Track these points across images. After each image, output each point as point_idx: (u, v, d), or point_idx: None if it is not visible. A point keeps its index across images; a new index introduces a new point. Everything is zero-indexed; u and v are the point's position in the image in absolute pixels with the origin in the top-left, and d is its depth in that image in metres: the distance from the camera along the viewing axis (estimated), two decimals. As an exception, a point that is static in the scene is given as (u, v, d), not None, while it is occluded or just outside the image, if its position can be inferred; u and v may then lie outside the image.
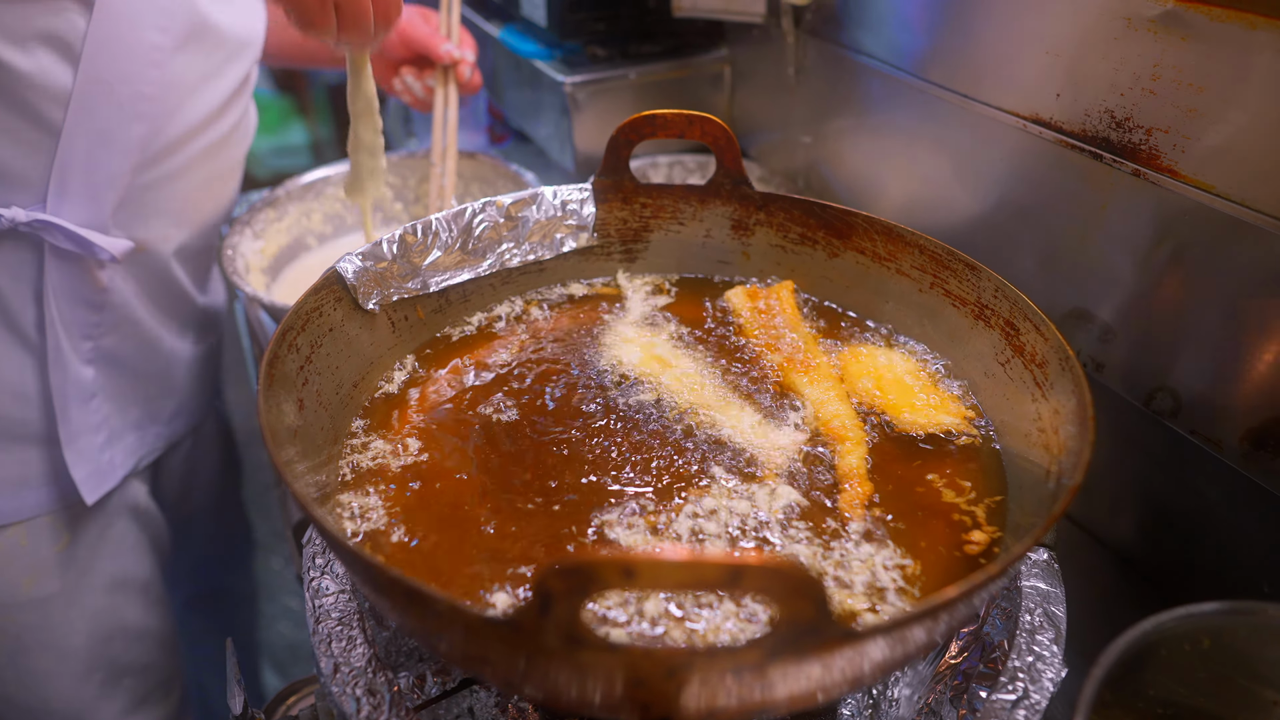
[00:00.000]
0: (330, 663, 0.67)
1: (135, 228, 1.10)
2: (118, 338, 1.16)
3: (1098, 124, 0.85)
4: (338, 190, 1.51)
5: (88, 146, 0.99)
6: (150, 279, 1.17)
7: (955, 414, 0.80)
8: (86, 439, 1.14)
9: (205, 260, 1.30)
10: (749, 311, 0.92)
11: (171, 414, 1.31)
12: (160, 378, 1.26)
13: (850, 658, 0.49)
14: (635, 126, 0.89)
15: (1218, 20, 0.72)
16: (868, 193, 1.23)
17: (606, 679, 0.48)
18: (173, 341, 1.26)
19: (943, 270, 0.84)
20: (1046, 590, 0.73)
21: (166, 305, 1.23)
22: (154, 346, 1.22)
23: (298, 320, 0.74)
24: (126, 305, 1.15)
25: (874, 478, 0.74)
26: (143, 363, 1.22)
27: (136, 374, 1.21)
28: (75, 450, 1.13)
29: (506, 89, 1.70)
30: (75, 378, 1.11)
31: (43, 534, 1.15)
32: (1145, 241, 0.83)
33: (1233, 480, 0.81)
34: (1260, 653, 0.64)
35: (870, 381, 0.84)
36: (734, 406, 0.81)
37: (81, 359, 1.11)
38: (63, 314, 1.07)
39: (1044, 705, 0.64)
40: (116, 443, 1.20)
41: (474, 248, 0.92)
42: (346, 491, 0.73)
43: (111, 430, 1.19)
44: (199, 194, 1.17)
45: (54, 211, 1.00)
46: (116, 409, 1.19)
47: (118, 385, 1.19)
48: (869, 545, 0.68)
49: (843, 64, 1.19)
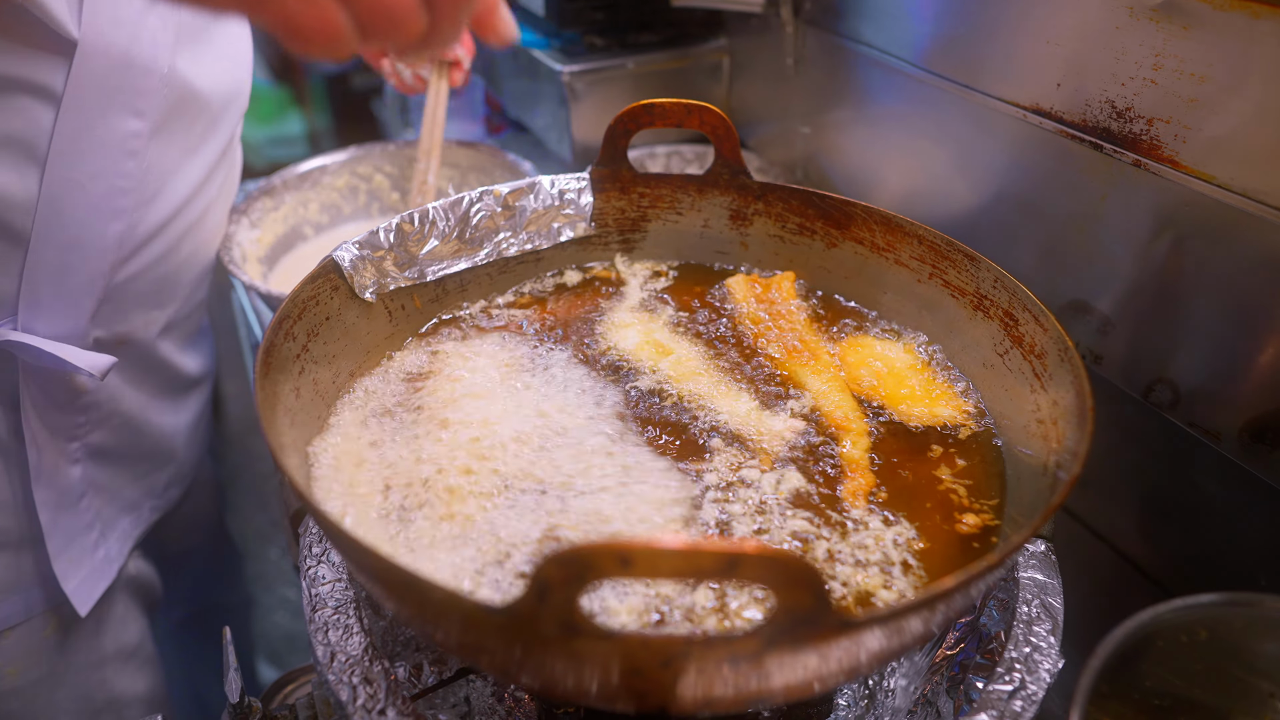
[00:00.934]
0: (327, 651, 0.67)
1: (116, 324, 1.00)
2: (105, 431, 1.07)
3: (1098, 114, 0.84)
4: (335, 180, 1.50)
5: (59, 254, 0.89)
6: (136, 366, 1.08)
7: (953, 406, 0.79)
8: (78, 543, 1.06)
9: (192, 323, 1.20)
10: (749, 300, 0.92)
11: (166, 484, 1.23)
12: (153, 455, 1.18)
13: (847, 647, 0.49)
14: (634, 115, 0.88)
15: (1220, 10, 0.72)
16: (867, 183, 1.23)
17: (603, 668, 0.48)
18: (165, 418, 1.17)
19: (942, 261, 0.83)
20: (1044, 581, 0.73)
21: (155, 386, 1.14)
22: (145, 429, 1.13)
23: (294, 309, 0.74)
24: (112, 400, 1.06)
25: (874, 468, 0.74)
26: (134, 447, 1.13)
27: (127, 459, 1.13)
28: (66, 560, 1.03)
29: (504, 78, 1.69)
30: (61, 483, 1.02)
31: (31, 625, 1.06)
32: (1145, 233, 0.83)
33: (1231, 472, 0.81)
34: (1257, 645, 0.64)
35: (868, 373, 0.84)
36: (732, 393, 0.81)
37: (67, 460, 1.03)
38: (42, 424, 0.98)
39: (1041, 696, 0.64)
40: (110, 533, 1.12)
41: (471, 237, 0.91)
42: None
43: (104, 523, 1.10)
44: (183, 269, 1.07)
45: (26, 326, 0.90)
46: (107, 500, 1.11)
47: (108, 476, 1.11)
48: (872, 533, 0.68)
49: (842, 54, 1.18)
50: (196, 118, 0.98)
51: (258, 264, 1.36)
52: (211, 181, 1.06)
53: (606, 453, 0.74)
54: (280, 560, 2.51)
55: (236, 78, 1.05)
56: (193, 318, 1.19)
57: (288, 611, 2.35)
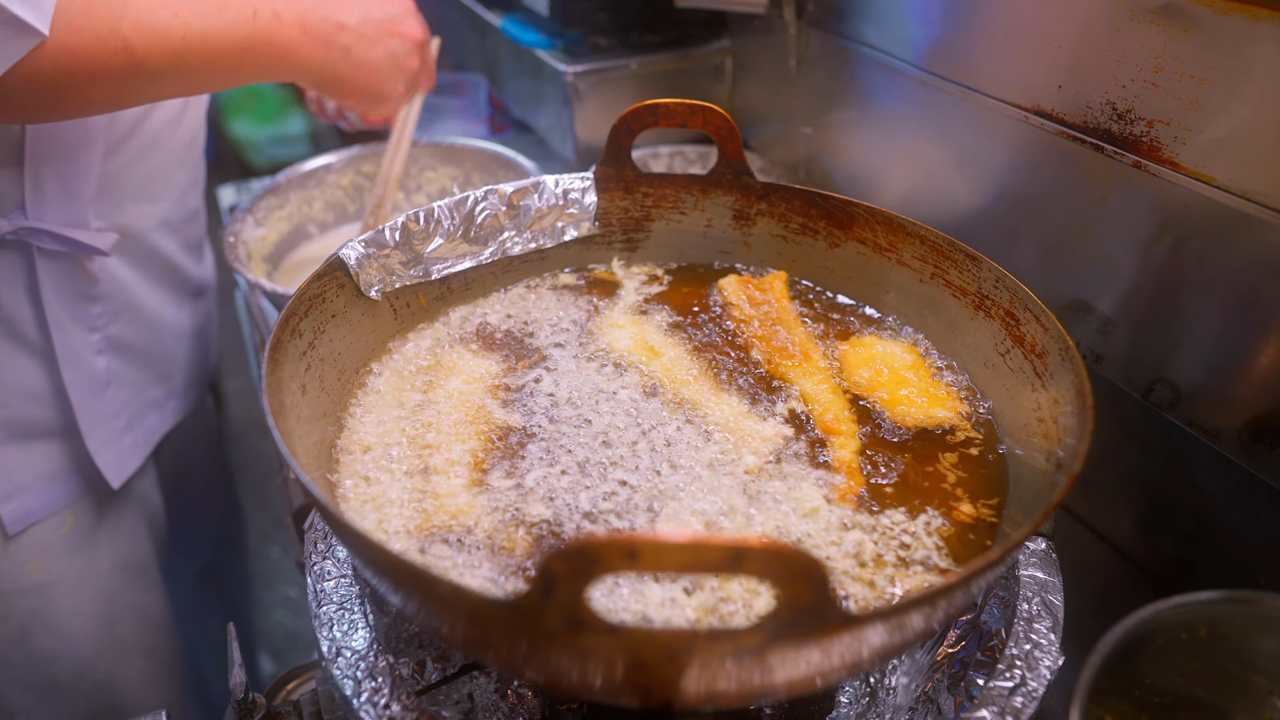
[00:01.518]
0: (332, 646, 0.68)
1: (114, 214, 1.11)
2: (122, 324, 1.17)
3: (1099, 116, 0.85)
4: (339, 178, 1.51)
5: (53, 146, 0.99)
6: (140, 260, 1.18)
7: (950, 408, 0.80)
8: (107, 426, 1.16)
9: (191, 230, 1.31)
10: (742, 301, 0.92)
11: (184, 386, 1.34)
12: (169, 354, 1.28)
13: (850, 642, 0.49)
14: (637, 116, 0.89)
15: (1220, 13, 0.73)
16: (869, 184, 1.23)
17: (608, 662, 0.48)
18: (174, 315, 1.28)
19: (943, 261, 0.84)
20: (1044, 579, 0.73)
21: (162, 281, 1.24)
22: (158, 325, 1.24)
23: (301, 306, 0.74)
24: (124, 291, 1.16)
25: (867, 469, 0.74)
26: (151, 343, 1.23)
27: (147, 355, 1.23)
28: (97, 439, 1.15)
29: (508, 79, 1.70)
30: (88, 371, 1.12)
31: (50, 523, 1.16)
32: (1146, 233, 0.84)
33: (1230, 472, 0.82)
34: (1256, 642, 0.65)
35: (868, 373, 0.84)
36: (723, 395, 0.81)
37: (92, 351, 1.13)
38: (63, 312, 1.08)
39: (1041, 692, 0.64)
40: (137, 425, 1.23)
41: (476, 235, 0.92)
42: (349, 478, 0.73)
43: (130, 414, 1.21)
44: (169, 167, 1.18)
45: (34, 216, 1.01)
46: (133, 393, 1.22)
47: (131, 370, 1.21)
48: (861, 533, 0.68)
49: (844, 55, 1.19)
50: None
51: (262, 262, 1.36)
52: None
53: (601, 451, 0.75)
54: (281, 559, 2.52)
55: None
56: (192, 225, 1.30)
57: (289, 610, 2.36)
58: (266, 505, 2.56)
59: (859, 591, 0.63)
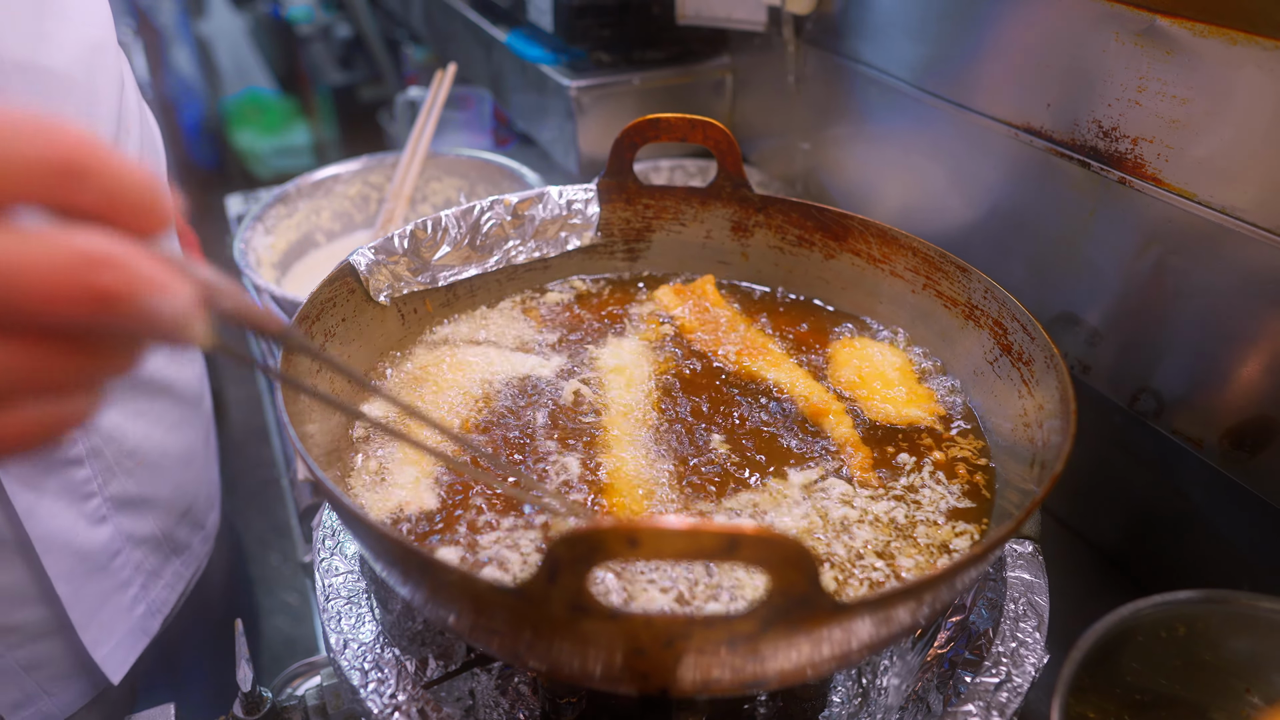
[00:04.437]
0: (340, 639, 0.70)
1: None
2: (123, 477, 0.98)
3: (1086, 133, 0.88)
4: (346, 188, 1.54)
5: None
6: (124, 394, 0.98)
7: (927, 409, 0.83)
8: (111, 604, 0.98)
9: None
10: (682, 309, 0.95)
11: (206, 510, 1.16)
12: (183, 484, 1.09)
13: (838, 631, 0.51)
14: (639, 129, 0.92)
15: (1201, 35, 0.75)
16: (865, 198, 1.26)
17: (608, 648, 0.51)
18: (180, 439, 1.08)
19: (935, 272, 0.87)
20: (1030, 581, 0.75)
21: (156, 406, 1.03)
22: (164, 460, 1.04)
23: (313, 309, 0.77)
24: (114, 440, 0.96)
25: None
26: (164, 482, 1.04)
27: (160, 499, 1.05)
28: (97, 626, 0.96)
29: (512, 92, 1.73)
30: (83, 548, 0.94)
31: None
32: (1131, 247, 0.86)
33: (1213, 479, 0.84)
34: (1233, 641, 0.67)
35: (853, 374, 0.87)
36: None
37: (90, 521, 0.95)
38: (36, 497, 0.88)
39: (1026, 688, 0.67)
40: (154, 584, 1.04)
41: (481, 244, 0.94)
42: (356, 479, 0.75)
43: (147, 574, 1.03)
44: None
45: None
46: (151, 549, 1.04)
47: (148, 521, 1.03)
48: (893, 502, 0.71)
49: (842, 73, 1.22)
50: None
51: (271, 268, 1.39)
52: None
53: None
54: (281, 566, 2.53)
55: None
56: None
57: (289, 616, 2.37)
58: (267, 511, 2.58)
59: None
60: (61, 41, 0.80)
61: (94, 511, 0.95)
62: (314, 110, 3.93)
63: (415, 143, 1.40)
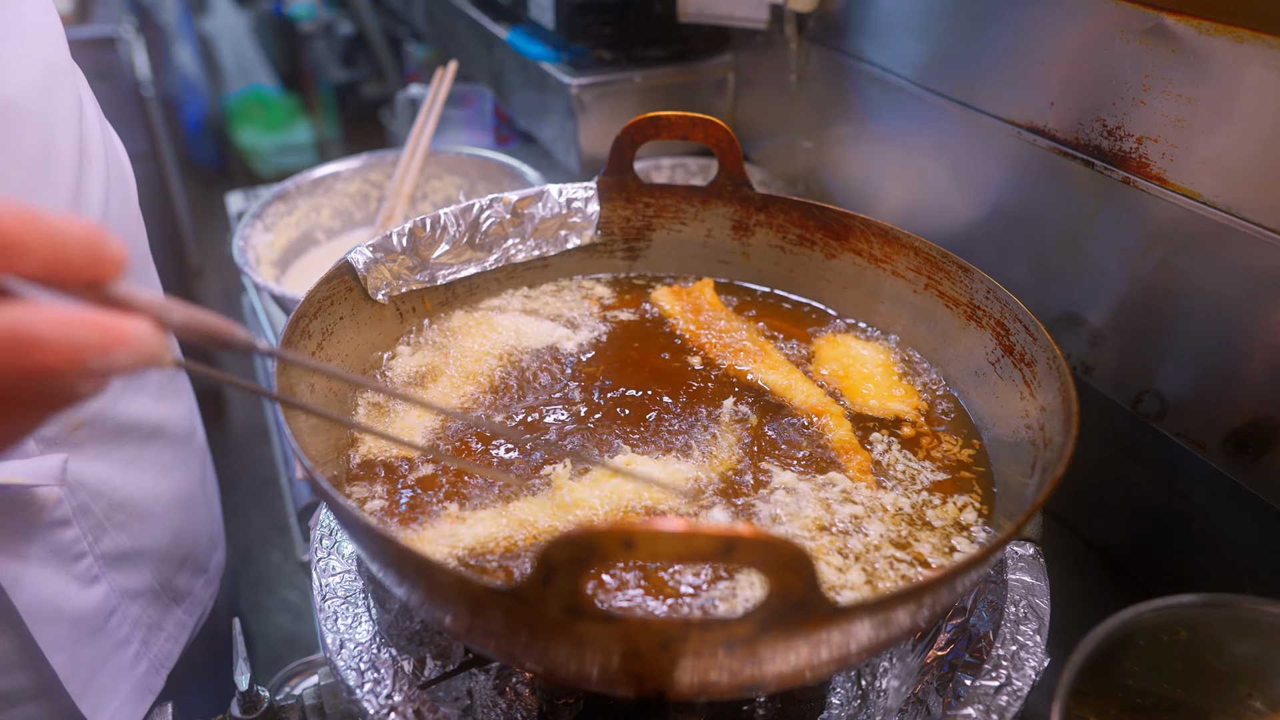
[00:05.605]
0: (337, 639, 0.70)
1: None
2: (115, 531, 0.92)
3: (1090, 133, 0.87)
4: (346, 186, 1.53)
5: None
6: (109, 444, 0.91)
7: (909, 404, 0.83)
8: (110, 665, 0.93)
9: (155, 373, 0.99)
10: (680, 311, 0.94)
11: (209, 549, 1.10)
12: (180, 530, 1.03)
13: (836, 634, 0.51)
14: (640, 127, 0.91)
15: (1206, 34, 0.75)
16: (866, 197, 1.25)
17: (604, 650, 0.50)
18: (172, 484, 1.02)
19: (937, 272, 0.86)
20: (1031, 583, 0.75)
21: (142, 459, 0.96)
22: (157, 508, 0.98)
23: (310, 308, 0.76)
24: (102, 494, 0.90)
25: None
26: (160, 533, 0.98)
27: (158, 551, 0.99)
28: (97, 689, 0.91)
29: (513, 90, 1.73)
30: (76, 611, 0.88)
31: None
32: (1134, 247, 0.86)
33: (1216, 481, 0.83)
34: (1235, 645, 0.66)
35: (839, 368, 0.88)
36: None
37: (82, 583, 0.89)
38: (21, 565, 0.83)
39: (1026, 691, 0.66)
40: (155, 637, 0.98)
41: (481, 242, 0.94)
42: (355, 483, 0.75)
43: (147, 628, 0.97)
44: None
45: None
46: (149, 601, 0.98)
47: (144, 574, 0.97)
48: (896, 496, 0.70)
49: (844, 71, 1.21)
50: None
51: (271, 266, 1.38)
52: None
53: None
54: (281, 564, 2.54)
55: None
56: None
57: (289, 614, 2.37)
58: (268, 509, 2.58)
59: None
60: (12, 66, 0.73)
61: (85, 572, 0.89)
62: (316, 107, 3.93)
63: (416, 140, 1.40)
